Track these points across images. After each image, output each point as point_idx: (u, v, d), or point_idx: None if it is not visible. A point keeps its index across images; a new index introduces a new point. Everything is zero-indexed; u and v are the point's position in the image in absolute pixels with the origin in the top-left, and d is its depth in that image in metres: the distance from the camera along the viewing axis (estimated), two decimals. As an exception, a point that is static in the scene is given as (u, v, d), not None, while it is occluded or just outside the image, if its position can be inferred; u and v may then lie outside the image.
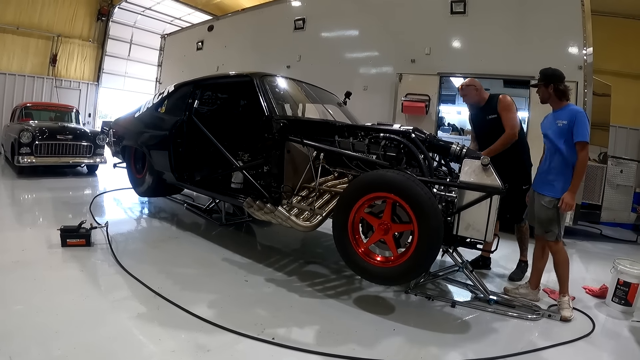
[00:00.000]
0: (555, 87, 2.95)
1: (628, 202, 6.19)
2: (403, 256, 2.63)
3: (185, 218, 5.09)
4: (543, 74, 3.03)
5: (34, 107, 8.76)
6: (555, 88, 2.95)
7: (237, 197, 3.73)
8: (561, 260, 3.02)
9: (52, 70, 12.05)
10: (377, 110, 6.42)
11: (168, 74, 11.15)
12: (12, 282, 2.80)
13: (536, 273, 3.22)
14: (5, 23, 10.86)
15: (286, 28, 7.81)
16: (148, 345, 2.21)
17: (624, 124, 9.14)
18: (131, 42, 14.30)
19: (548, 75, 2.99)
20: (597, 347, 2.60)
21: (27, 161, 6.93)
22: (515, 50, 5.43)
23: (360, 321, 2.66)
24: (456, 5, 5.86)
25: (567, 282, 3.00)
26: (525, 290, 3.21)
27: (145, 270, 3.17)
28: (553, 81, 2.95)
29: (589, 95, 5.04)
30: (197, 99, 4.33)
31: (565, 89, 2.97)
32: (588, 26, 5.02)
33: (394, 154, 3.02)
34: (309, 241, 4.51)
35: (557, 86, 2.95)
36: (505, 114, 3.47)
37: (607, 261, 4.02)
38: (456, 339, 2.52)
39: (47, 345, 2.06)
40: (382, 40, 6.75)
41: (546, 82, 2.99)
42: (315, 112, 4.33)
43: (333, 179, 3.28)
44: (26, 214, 5.00)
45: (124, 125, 5.55)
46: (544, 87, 3.01)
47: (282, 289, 3.07)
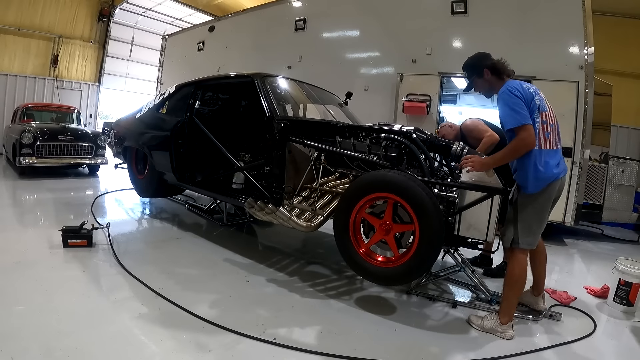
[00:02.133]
0: (490, 68, 2.59)
1: (629, 202, 6.19)
2: (404, 256, 2.63)
3: (187, 218, 5.10)
4: (468, 66, 2.71)
5: (36, 108, 8.78)
6: (491, 68, 2.59)
7: (239, 197, 3.73)
8: (512, 274, 2.58)
9: (53, 71, 12.06)
10: (378, 110, 6.41)
11: (169, 75, 11.14)
12: (13, 282, 2.81)
13: (535, 278, 2.96)
14: (6, 24, 10.88)
15: (287, 28, 7.80)
16: (149, 345, 2.21)
17: (626, 123, 9.12)
18: (132, 43, 14.31)
19: (473, 65, 2.68)
20: (599, 347, 2.60)
21: (29, 162, 6.95)
22: (516, 50, 5.40)
23: (361, 321, 2.66)
24: (457, 5, 5.86)
25: (513, 307, 2.59)
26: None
27: (146, 271, 3.18)
28: (482, 65, 2.62)
29: (590, 95, 5.03)
30: (198, 100, 4.33)
31: (499, 64, 2.59)
32: (589, 26, 5.01)
33: (395, 154, 3.01)
34: (310, 241, 4.51)
35: (490, 66, 2.59)
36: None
37: (608, 261, 4.01)
38: (457, 340, 2.52)
39: (48, 346, 2.07)
40: (383, 40, 6.75)
41: (477, 72, 2.64)
42: (316, 112, 4.33)
43: (334, 180, 3.28)
44: (28, 214, 5.01)
45: (125, 126, 5.55)
46: (479, 79, 2.66)
47: (284, 289, 3.08)
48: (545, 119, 2.48)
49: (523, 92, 2.43)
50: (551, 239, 5.40)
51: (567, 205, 5.09)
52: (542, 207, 2.52)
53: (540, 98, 2.51)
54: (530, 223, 2.52)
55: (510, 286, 2.58)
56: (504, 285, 2.64)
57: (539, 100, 2.48)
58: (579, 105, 5.02)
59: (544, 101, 2.53)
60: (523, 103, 2.39)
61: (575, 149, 5.02)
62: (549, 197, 2.51)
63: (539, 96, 2.50)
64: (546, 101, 2.55)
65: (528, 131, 2.35)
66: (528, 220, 2.52)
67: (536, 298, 2.95)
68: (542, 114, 2.47)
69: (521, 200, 2.53)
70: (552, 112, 2.56)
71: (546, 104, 2.54)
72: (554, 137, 2.52)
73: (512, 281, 2.57)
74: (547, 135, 2.48)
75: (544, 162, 2.45)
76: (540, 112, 2.46)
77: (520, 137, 2.36)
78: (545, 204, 2.52)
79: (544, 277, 2.95)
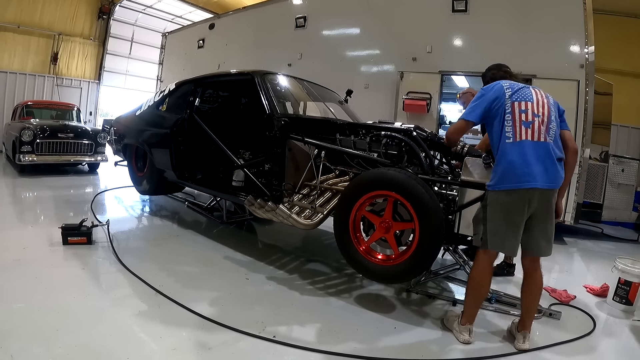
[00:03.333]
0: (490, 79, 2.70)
1: (629, 201, 6.19)
2: (404, 254, 2.63)
3: (187, 216, 5.09)
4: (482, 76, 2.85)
5: (35, 105, 8.77)
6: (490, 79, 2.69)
7: (238, 195, 3.73)
8: (472, 276, 2.46)
9: (53, 68, 12.05)
10: (379, 108, 6.40)
11: (169, 72, 11.14)
12: (13, 280, 2.80)
13: (522, 311, 2.51)
14: (6, 21, 10.86)
15: (287, 26, 7.80)
16: (149, 343, 2.21)
17: (626, 122, 9.11)
18: (132, 40, 14.29)
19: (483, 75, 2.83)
20: (598, 346, 2.60)
21: (29, 159, 6.94)
22: (516, 49, 5.41)
23: (361, 319, 2.66)
24: (458, 3, 5.85)
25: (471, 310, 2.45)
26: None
27: (146, 268, 3.18)
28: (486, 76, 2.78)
29: (591, 94, 5.02)
30: (198, 97, 4.33)
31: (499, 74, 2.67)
32: (590, 25, 5.01)
33: (395, 152, 3.01)
34: (310, 239, 4.51)
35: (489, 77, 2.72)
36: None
37: (608, 260, 4.02)
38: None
39: (48, 343, 2.07)
40: (383, 38, 6.74)
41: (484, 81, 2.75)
42: (316, 110, 4.33)
43: (334, 177, 3.28)
44: (27, 212, 5.01)
45: (125, 124, 5.55)
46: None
47: (283, 287, 3.08)
48: (525, 108, 2.28)
49: (490, 89, 2.40)
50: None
51: (567, 204, 5.09)
52: (510, 209, 2.25)
53: (520, 90, 2.36)
54: (498, 224, 2.29)
55: (469, 289, 2.48)
56: (466, 288, 2.56)
57: (516, 90, 2.35)
58: (580, 104, 5.02)
59: (532, 94, 2.35)
60: (484, 100, 2.38)
61: (576, 147, 5.01)
62: (520, 204, 2.23)
63: (520, 88, 2.37)
64: (539, 96, 2.36)
65: (455, 125, 2.54)
66: (495, 221, 2.29)
67: (517, 334, 2.46)
68: (518, 103, 2.30)
69: (491, 196, 2.32)
70: (544, 107, 2.33)
71: (535, 97, 2.34)
72: (540, 130, 2.25)
73: (471, 283, 2.46)
74: (525, 124, 2.25)
75: (520, 156, 2.21)
76: (515, 102, 2.30)
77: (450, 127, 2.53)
78: (515, 208, 2.24)
79: (532, 311, 2.47)
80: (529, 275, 2.46)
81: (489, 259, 2.41)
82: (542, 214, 2.29)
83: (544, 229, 2.33)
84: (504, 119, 2.29)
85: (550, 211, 2.31)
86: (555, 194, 2.30)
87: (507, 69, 2.74)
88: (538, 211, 2.27)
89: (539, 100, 2.35)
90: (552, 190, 2.26)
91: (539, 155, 2.22)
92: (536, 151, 2.23)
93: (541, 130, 2.26)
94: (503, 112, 2.31)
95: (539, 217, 2.29)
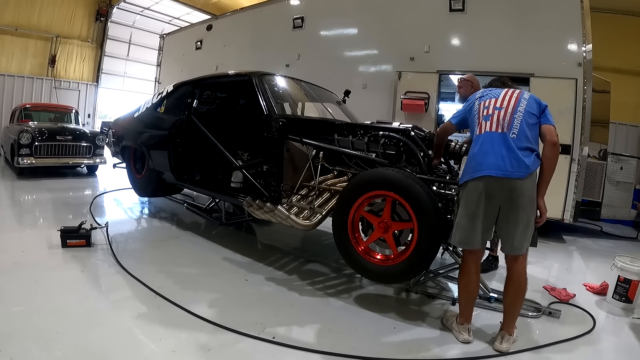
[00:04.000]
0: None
1: (628, 198, 6.20)
2: (403, 254, 2.63)
3: (185, 218, 5.09)
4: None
5: (34, 108, 8.76)
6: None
7: (237, 196, 3.73)
8: (460, 275, 2.52)
9: (51, 71, 12.06)
10: (377, 108, 6.39)
11: (167, 74, 11.12)
12: (12, 282, 2.80)
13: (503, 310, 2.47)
14: (3, 24, 10.86)
15: (285, 27, 7.79)
16: (149, 344, 2.21)
17: (624, 120, 9.13)
18: (130, 42, 14.31)
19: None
20: (598, 344, 2.60)
21: (27, 162, 6.93)
22: (514, 48, 5.41)
23: (360, 319, 2.66)
24: (455, 2, 5.85)
25: (465, 309, 2.47)
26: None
27: (145, 270, 3.18)
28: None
29: (589, 92, 5.03)
30: (196, 99, 4.33)
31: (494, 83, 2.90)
32: (587, 23, 5.01)
33: (393, 152, 3.01)
34: (309, 240, 4.51)
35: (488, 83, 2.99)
36: None
37: (607, 258, 4.02)
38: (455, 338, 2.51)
39: (47, 346, 2.06)
40: (381, 38, 6.73)
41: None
42: (314, 110, 4.33)
43: (332, 178, 3.28)
44: (26, 214, 5.00)
45: (123, 126, 5.55)
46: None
47: (283, 287, 3.08)
48: (488, 104, 2.39)
49: (471, 97, 2.58)
50: (550, 236, 5.41)
51: (566, 203, 5.09)
52: (466, 201, 2.29)
53: (490, 92, 2.48)
54: (458, 217, 2.34)
55: (459, 289, 2.54)
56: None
57: (487, 92, 2.50)
58: (578, 102, 5.02)
59: (501, 93, 2.42)
60: (464, 107, 2.60)
61: (574, 146, 5.02)
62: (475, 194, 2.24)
63: (490, 91, 2.50)
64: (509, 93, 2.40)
65: (443, 125, 2.79)
66: (459, 215, 2.34)
67: (497, 334, 2.43)
68: (483, 102, 2.42)
69: (458, 193, 2.43)
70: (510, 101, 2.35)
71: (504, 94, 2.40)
72: (499, 122, 2.29)
73: (460, 283, 2.53)
74: (485, 118, 2.34)
75: (476, 148, 2.31)
76: (482, 102, 2.44)
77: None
78: (469, 199, 2.26)
79: (510, 311, 2.41)
80: (508, 275, 2.42)
81: (473, 258, 2.41)
82: (506, 205, 2.23)
83: (513, 223, 2.25)
84: (473, 121, 2.44)
85: (516, 203, 2.21)
86: (523, 184, 2.20)
87: (504, 79, 2.95)
88: (503, 202, 2.23)
89: (506, 96, 2.40)
90: (512, 179, 2.19)
91: (494, 144, 2.25)
92: (492, 141, 2.26)
93: (499, 122, 2.29)
94: (472, 115, 2.47)
95: (504, 209, 2.24)
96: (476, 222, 2.27)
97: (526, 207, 2.24)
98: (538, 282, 3.59)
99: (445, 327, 2.59)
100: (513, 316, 2.41)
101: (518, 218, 2.24)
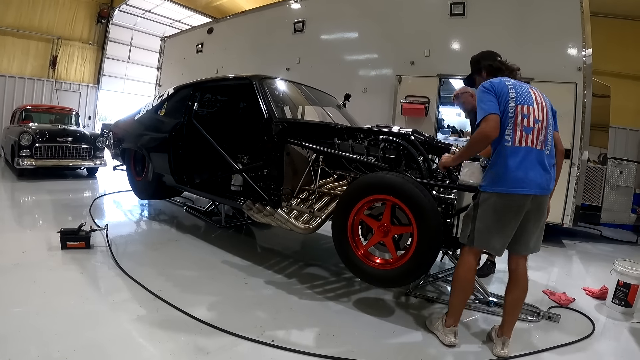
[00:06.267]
0: (487, 69, 2.58)
1: (628, 203, 6.20)
2: (402, 258, 2.63)
3: (185, 220, 5.09)
4: (472, 62, 2.72)
5: (34, 109, 8.77)
6: (488, 69, 2.57)
7: (237, 199, 3.73)
8: (456, 275, 2.44)
9: (52, 72, 12.08)
10: (377, 112, 6.42)
11: (168, 77, 11.14)
12: (11, 284, 2.80)
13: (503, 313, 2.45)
14: (5, 25, 10.89)
15: (286, 30, 7.82)
16: (147, 347, 2.21)
17: (624, 125, 9.15)
18: (131, 45, 14.34)
19: (476, 61, 2.67)
20: (597, 348, 2.60)
21: (27, 163, 6.93)
22: (514, 52, 5.34)
23: (359, 323, 2.66)
24: (455, 7, 5.87)
25: (456, 311, 2.44)
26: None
27: (144, 273, 3.17)
28: (481, 65, 2.62)
29: (589, 97, 5.04)
30: (197, 102, 4.34)
31: (496, 65, 2.54)
32: (587, 27, 5.03)
33: (393, 156, 3.02)
34: (309, 243, 4.51)
35: (487, 67, 2.58)
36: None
37: (607, 262, 4.02)
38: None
39: (46, 348, 2.06)
40: (381, 42, 6.76)
41: (477, 70, 2.65)
42: (314, 114, 4.34)
43: (332, 182, 3.28)
44: (26, 216, 5.00)
45: (123, 128, 5.55)
46: (478, 76, 2.65)
47: (282, 291, 3.07)
48: (527, 112, 2.24)
49: (496, 86, 2.30)
50: (550, 241, 5.41)
51: (566, 207, 5.10)
52: (502, 211, 2.24)
53: (524, 92, 2.30)
54: (487, 224, 2.27)
55: (454, 288, 2.46)
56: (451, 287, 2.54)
57: (520, 92, 2.29)
58: (577, 106, 5.03)
59: (532, 97, 2.31)
60: (493, 96, 2.27)
61: (574, 150, 5.03)
62: (515, 209, 2.23)
63: (523, 90, 2.31)
64: (539, 98, 2.33)
65: (488, 121, 2.20)
66: (486, 221, 2.28)
67: (497, 340, 2.41)
68: (522, 107, 2.25)
69: (482, 197, 2.30)
70: (544, 111, 2.31)
71: (536, 100, 2.31)
72: (539, 137, 2.24)
73: (456, 283, 2.43)
74: (526, 130, 2.22)
75: (517, 161, 2.20)
76: (519, 105, 2.25)
77: (480, 128, 2.23)
78: (508, 211, 2.23)
79: (513, 315, 2.41)
80: (513, 277, 2.43)
81: (473, 257, 2.40)
82: (534, 216, 2.31)
83: (535, 229, 2.35)
84: (506, 121, 2.25)
85: (543, 213, 2.34)
86: (548, 197, 2.35)
87: (503, 61, 2.61)
88: (531, 214, 2.28)
89: (539, 104, 2.33)
90: (545, 195, 2.30)
91: (536, 163, 2.23)
92: (533, 158, 2.23)
93: (539, 137, 2.25)
94: (505, 114, 2.25)
95: (530, 219, 2.30)
96: (510, 233, 2.30)
97: (545, 215, 2.37)
98: (538, 286, 3.59)
99: (429, 330, 2.58)
100: (514, 319, 2.42)
101: (539, 224, 2.37)
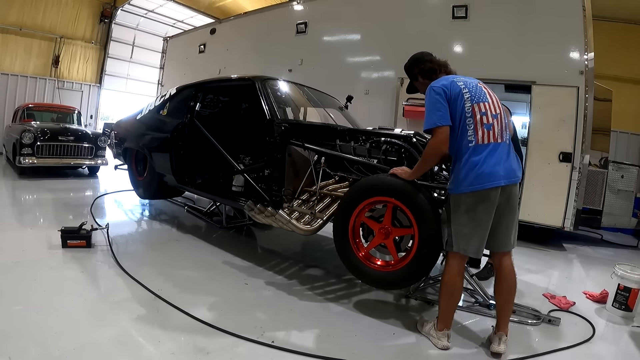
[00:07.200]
0: (421, 73, 2.60)
1: (629, 207, 6.20)
2: (403, 260, 2.63)
3: (186, 220, 5.10)
4: (406, 70, 2.74)
5: (36, 108, 8.80)
6: (421, 73, 2.60)
7: (238, 200, 3.73)
8: (443, 280, 2.40)
9: (55, 71, 12.09)
10: (379, 114, 6.42)
11: (170, 77, 11.16)
12: (12, 282, 2.80)
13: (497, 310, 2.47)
14: (8, 24, 10.91)
15: (288, 32, 7.83)
16: (147, 347, 2.21)
17: (625, 129, 9.14)
18: (133, 45, 14.35)
19: (408, 69, 2.70)
20: (597, 352, 2.59)
21: (29, 162, 6.95)
22: (516, 55, 5.43)
23: (360, 325, 2.66)
24: (458, 10, 5.87)
25: (446, 315, 2.41)
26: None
27: (145, 272, 3.18)
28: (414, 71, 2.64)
29: (590, 100, 5.04)
30: (199, 102, 4.34)
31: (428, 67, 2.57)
32: (589, 31, 5.03)
33: (395, 158, 3.02)
34: (310, 245, 4.51)
35: (420, 72, 2.61)
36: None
37: (607, 266, 4.01)
38: (455, 344, 2.51)
39: (46, 346, 2.06)
40: (383, 44, 6.76)
41: (413, 77, 2.67)
42: (316, 115, 4.35)
43: (334, 183, 3.28)
44: (27, 214, 5.01)
45: (125, 127, 5.56)
46: (415, 82, 2.67)
47: (282, 292, 3.07)
48: (484, 109, 2.26)
49: (447, 88, 2.30)
50: (550, 244, 5.41)
51: (567, 211, 5.09)
52: (475, 210, 2.23)
53: (475, 89, 2.32)
54: (462, 225, 2.26)
55: (441, 293, 2.42)
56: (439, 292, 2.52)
57: (473, 91, 2.31)
58: (579, 110, 5.03)
59: (485, 91, 2.34)
60: (443, 100, 2.27)
61: (575, 154, 5.02)
62: (487, 204, 2.22)
63: (474, 87, 2.33)
64: (490, 92, 2.37)
65: (437, 135, 2.25)
66: (460, 222, 2.26)
67: (493, 337, 2.41)
68: (478, 105, 2.26)
69: (453, 199, 2.30)
70: (496, 102, 2.35)
71: (488, 93, 2.34)
72: (498, 130, 2.26)
73: (443, 288, 2.40)
74: (487, 127, 2.24)
75: (481, 158, 2.21)
76: (475, 104, 2.26)
77: (430, 143, 2.30)
78: (481, 209, 2.22)
79: (506, 310, 2.41)
80: (499, 273, 2.43)
81: (458, 262, 2.36)
82: (506, 209, 2.31)
83: (511, 223, 2.37)
84: (465, 122, 2.26)
85: (514, 204, 2.34)
86: (517, 187, 2.34)
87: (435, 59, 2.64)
88: (502, 207, 2.28)
89: (493, 98, 2.37)
90: (514, 184, 2.30)
91: (499, 156, 2.24)
92: (497, 152, 2.24)
93: (500, 131, 2.28)
94: (462, 115, 2.26)
95: (504, 213, 2.31)
96: (486, 230, 2.28)
97: (517, 206, 2.38)
98: (538, 289, 3.59)
99: (420, 333, 2.57)
100: (508, 314, 2.42)
101: (515, 217, 2.39)
